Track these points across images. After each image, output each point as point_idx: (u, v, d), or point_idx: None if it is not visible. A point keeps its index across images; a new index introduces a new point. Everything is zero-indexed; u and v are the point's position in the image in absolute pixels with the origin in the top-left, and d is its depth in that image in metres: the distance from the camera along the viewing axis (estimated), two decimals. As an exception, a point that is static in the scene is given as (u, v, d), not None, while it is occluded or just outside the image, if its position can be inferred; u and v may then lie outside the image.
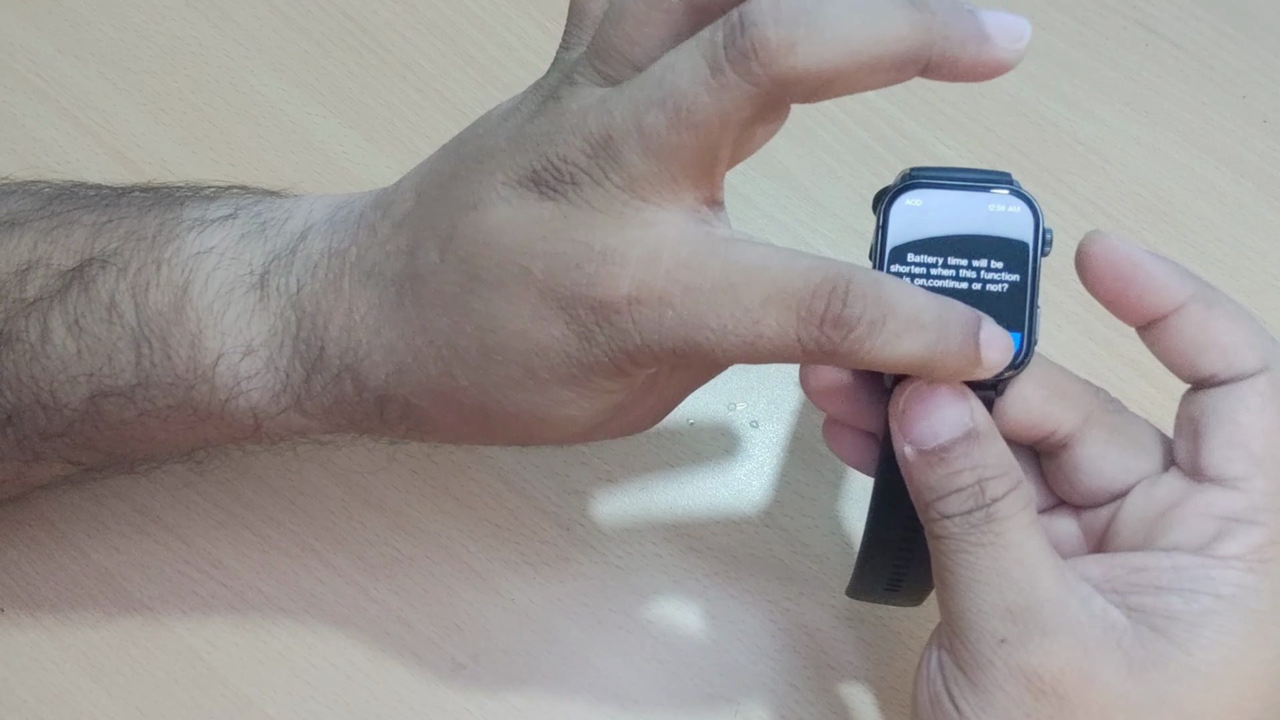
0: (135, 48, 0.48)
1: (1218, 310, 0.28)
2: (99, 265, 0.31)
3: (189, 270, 0.31)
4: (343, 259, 0.30)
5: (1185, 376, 0.29)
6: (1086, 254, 0.29)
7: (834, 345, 0.26)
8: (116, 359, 0.31)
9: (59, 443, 0.33)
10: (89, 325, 0.31)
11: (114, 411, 0.32)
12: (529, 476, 0.41)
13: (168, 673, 0.38)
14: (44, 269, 0.32)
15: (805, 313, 0.26)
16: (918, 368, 0.27)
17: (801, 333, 0.26)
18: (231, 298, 0.31)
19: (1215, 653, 0.26)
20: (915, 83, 0.31)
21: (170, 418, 0.32)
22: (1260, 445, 0.28)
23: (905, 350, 0.26)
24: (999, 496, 0.27)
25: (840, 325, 0.26)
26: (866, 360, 0.26)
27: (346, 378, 0.30)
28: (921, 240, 0.29)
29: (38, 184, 0.35)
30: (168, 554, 0.40)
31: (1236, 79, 0.48)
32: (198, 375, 0.31)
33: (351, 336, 0.30)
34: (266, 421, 0.32)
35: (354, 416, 0.31)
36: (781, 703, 0.38)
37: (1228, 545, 0.27)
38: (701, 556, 0.40)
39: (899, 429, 0.28)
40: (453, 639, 0.39)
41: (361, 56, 0.48)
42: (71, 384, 0.31)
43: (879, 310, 0.26)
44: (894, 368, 0.27)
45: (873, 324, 0.26)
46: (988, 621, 0.27)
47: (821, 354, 0.26)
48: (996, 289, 0.29)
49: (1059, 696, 0.27)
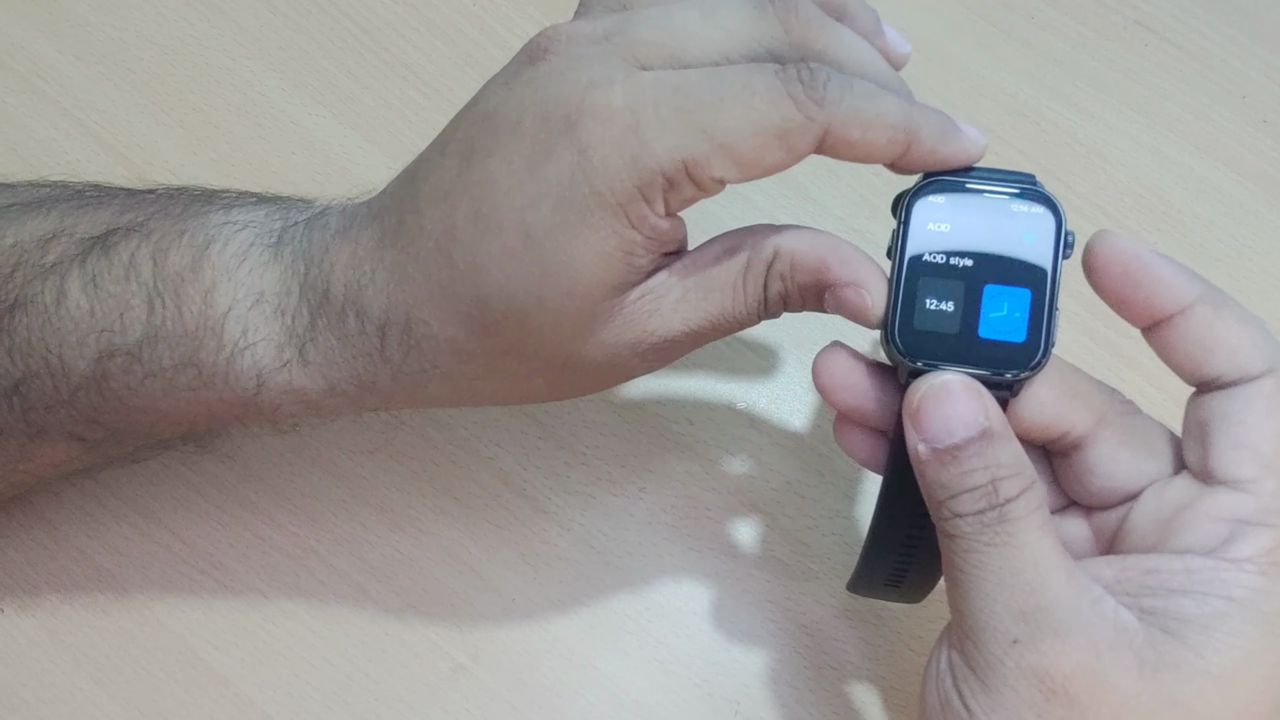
0: (135, 48, 0.48)
1: (1224, 312, 0.28)
2: (123, 233, 0.32)
3: (210, 234, 0.32)
4: (354, 214, 0.32)
5: (1190, 378, 0.29)
6: (1094, 254, 0.29)
7: (819, 95, 0.28)
8: (128, 315, 0.32)
9: (63, 414, 0.33)
10: (105, 284, 0.32)
11: (118, 374, 0.32)
12: (529, 476, 0.41)
13: (168, 673, 0.38)
14: (67, 238, 0.32)
15: (782, 74, 0.28)
16: (903, 124, 0.28)
17: (789, 86, 0.28)
18: (248, 254, 0.32)
19: (1227, 655, 0.26)
20: (915, 83, 0.31)
21: (174, 381, 0.32)
22: (1270, 447, 0.28)
23: (886, 105, 0.28)
24: (1012, 496, 0.27)
25: (815, 78, 0.28)
26: (855, 112, 0.28)
27: (350, 312, 0.31)
28: (942, 236, 0.29)
29: (65, 182, 0.36)
30: (168, 554, 0.40)
31: (1236, 79, 0.48)
32: (206, 329, 0.32)
33: (357, 269, 0.31)
34: (268, 380, 0.32)
35: (355, 357, 0.32)
36: (781, 703, 0.38)
37: (1239, 548, 0.27)
38: (701, 556, 0.40)
39: (913, 426, 0.28)
40: (453, 639, 0.39)
41: (361, 56, 0.48)
42: (80, 345, 0.32)
43: (843, 78, 0.28)
44: (880, 127, 0.28)
45: (843, 84, 0.28)
46: (999, 622, 0.27)
47: (814, 103, 0.28)
48: (1017, 290, 0.29)
49: (1070, 697, 0.26)
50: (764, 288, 0.31)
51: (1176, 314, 0.29)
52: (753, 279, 0.31)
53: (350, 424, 0.41)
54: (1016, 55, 0.48)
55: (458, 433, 0.41)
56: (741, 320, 0.31)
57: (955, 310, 0.29)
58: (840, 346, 0.31)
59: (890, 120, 0.28)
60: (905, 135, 0.29)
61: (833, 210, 0.45)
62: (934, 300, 0.29)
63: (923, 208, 0.29)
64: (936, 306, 0.29)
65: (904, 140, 0.29)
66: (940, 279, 0.29)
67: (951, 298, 0.29)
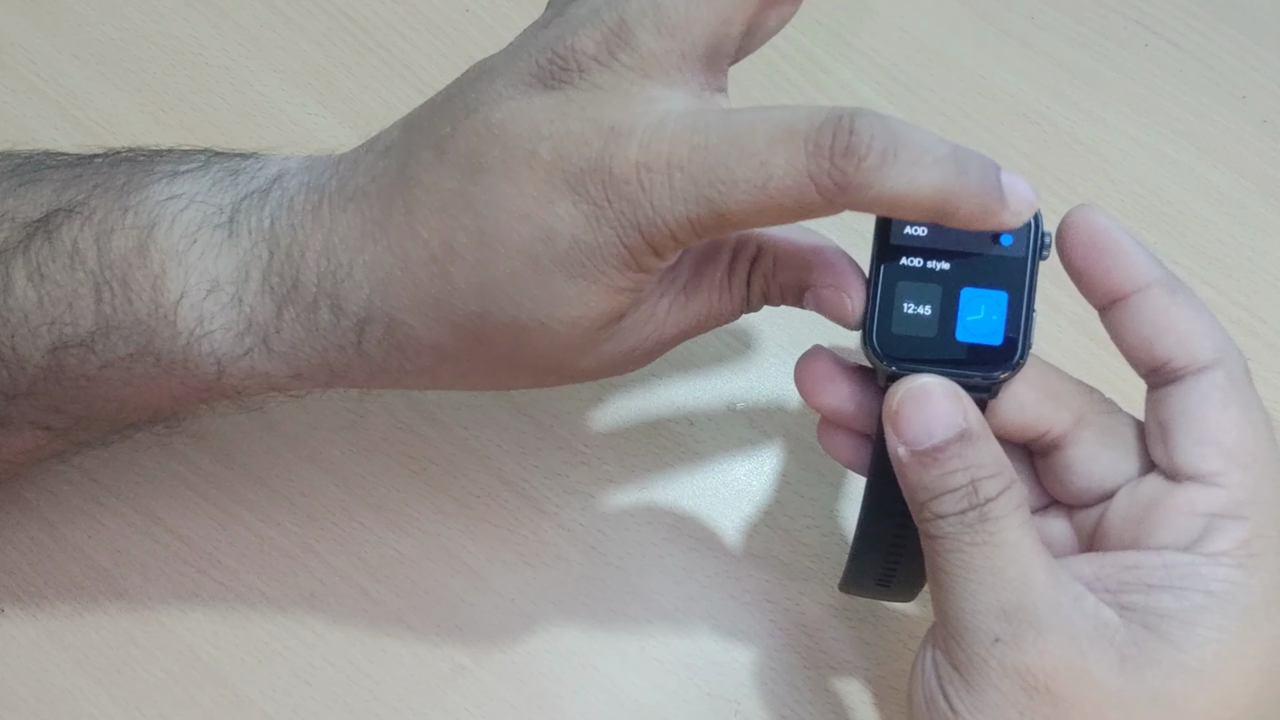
0: (135, 48, 0.47)
1: (1179, 298, 0.29)
2: (64, 215, 0.31)
3: (155, 213, 0.30)
4: (321, 191, 0.30)
5: (1141, 364, 0.30)
6: (1067, 223, 0.29)
7: (847, 177, 0.25)
8: (77, 305, 0.30)
9: (25, 404, 0.32)
10: (50, 273, 0.30)
11: (75, 365, 0.31)
12: (529, 477, 0.41)
13: (168, 673, 0.38)
14: (8, 223, 0.31)
15: (813, 146, 0.26)
16: (939, 204, 0.26)
17: (812, 167, 0.25)
18: (198, 236, 0.30)
19: (1207, 649, 0.26)
20: (915, 83, 0.31)
21: (132, 369, 0.31)
22: (1231, 440, 0.28)
23: (925, 180, 0.25)
24: (993, 496, 0.27)
25: (850, 154, 0.25)
26: (887, 195, 0.25)
27: (323, 304, 0.30)
28: (920, 240, 0.29)
29: (8, 153, 0.34)
30: (168, 554, 0.40)
31: (1236, 79, 0.48)
32: (159, 317, 0.30)
33: (331, 259, 0.30)
34: (230, 367, 0.31)
35: (326, 349, 0.30)
36: (781, 702, 0.38)
37: (1215, 542, 0.27)
38: (701, 556, 0.40)
39: (893, 429, 0.28)
40: (453, 639, 0.39)
41: (361, 56, 0.48)
42: (33, 336, 0.31)
43: (888, 139, 0.25)
44: (915, 205, 0.26)
45: (884, 152, 0.25)
46: (982, 621, 0.27)
47: (836, 189, 0.26)
48: (994, 292, 0.29)
49: (1052, 695, 0.27)
50: (747, 285, 0.31)
51: (1133, 293, 0.29)
52: (737, 277, 0.31)
53: (351, 424, 0.41)
54: (1016, 55, 0.48)
55: (457, 433, 0.41)
56: (727, 317, 0.32)
57: (933, 313, 0.29)
58: (822, 350, 0.32)
59: (925, 203, 0.26)
60: (936, 215, 0.26)
61: (833, 210, 0.45)
62: (911, 304, 0.29)
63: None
64: (914, 310, 0.29)
65: (935, 216, 0.26)
66: (917, 282, 0.29)
67: (929, 301, 0.29)
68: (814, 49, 0.48)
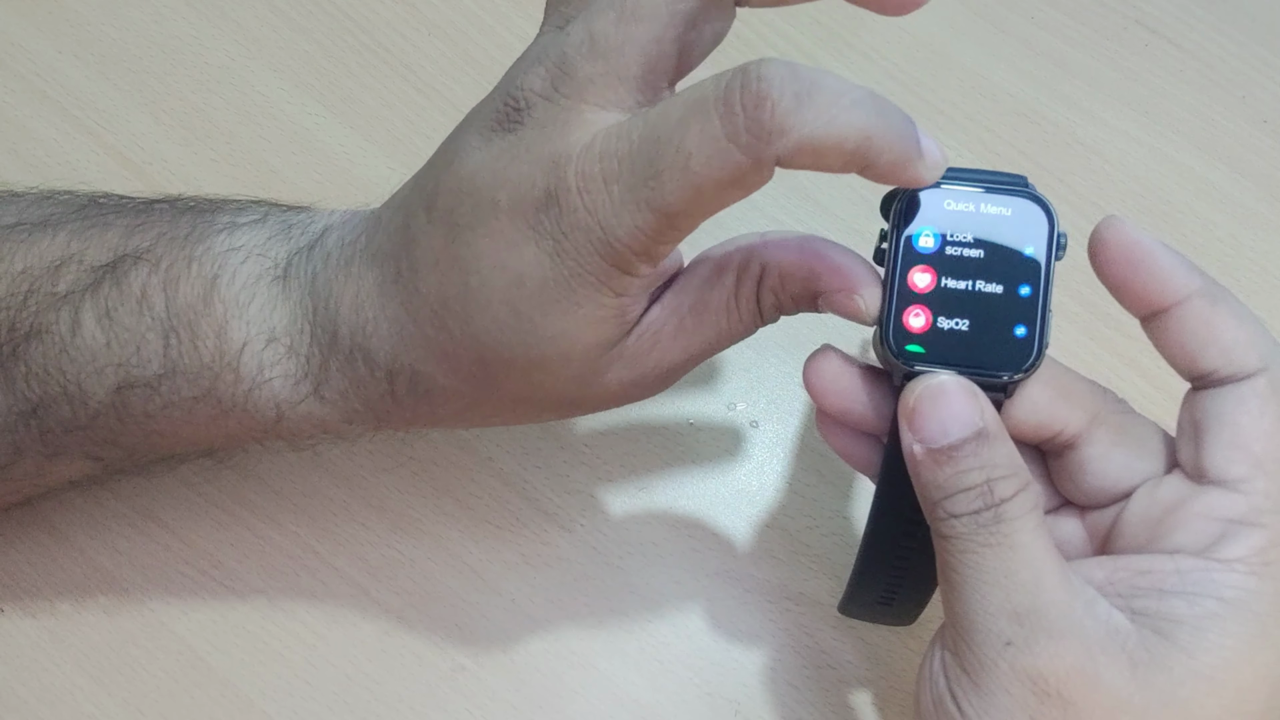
0: (135, 48, 0.47)
1: (1221, 307, 0.28)
2: (132, 260, 0.32)
3: (218, 265, 0.32)
4: (353, 247, 0.32)
5: (1185, 372, 0.29)
6: (1100, 239, 0.29)
7: (763, 125, 0.25)
8: (145, 349, 0.32)
9: (81, 436, 0.33)
10: (119, 316, 0.32)
11: (139, 404, 0.32)
12: (529, 477, 0.41)
13: (168, 673, 0.38)
14: (76, 264, 0.32)
15: (724, 108, 0.25)
16: (861, 147, 0.25)
17: (727, 128, 0.25)
18: (256, 289, 0.32)
19: (1218, 656, 0.26)
20: (915, 83, 0.31)
21: (194, 410, 0.32)
22: (1261, 447, 0.28)
23: (844, 121, 0.25)
24: (1008, 497, 0.27)
25: (763, 101, 0.25)
26: (808, 139, 0.25)
27: (358, 357, 0.31)
28: (936, 243, 0.29)
29: (69, 192, 0.36)
30: (168, 554, 0.40)
31: (1236, 79, 0.48)
32: (223, 364, 0.32)
33: (360, 314, 0.31)
34: (288, 411, 0.32)
35: (369, 398, 0.32)
36: (781, 703, 0.38)
37: (1230, 548, 0.27)
38: (701, 556, 0.40)
39: (908, 427, 0.28)
40: (453, 639, 0.39)
41: (361, 56, 0.48)
42: (99, 375, 0.32)
43: (799, 83, 0.25)
44: (838, 149, 0.25)
45: (798, 95, 0.25)
46: (993, 623, 0.27)
47: (757, 141, 0.25)
48: (1011, 292, 0.29)
49: (1063, 699, 0.27)
50: (756, 302, 0.31)
51: (1174, 305, 0.29)
52: (744, 297, 0.31)
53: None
54: (1016, 55, 0.48)
55: (458, 434, 0.41)
56: (739, 335, 0.32)
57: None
58: (831, 350, 0.31)
59: (848, 146, 0.25)
60: (860, 160, 0.26)
61: (833, 210, 0.45)
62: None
63: (914, 211, 0.29)
64: None
65: (858, 163, 0.26)
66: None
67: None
68: (814, 49, 0.48)
